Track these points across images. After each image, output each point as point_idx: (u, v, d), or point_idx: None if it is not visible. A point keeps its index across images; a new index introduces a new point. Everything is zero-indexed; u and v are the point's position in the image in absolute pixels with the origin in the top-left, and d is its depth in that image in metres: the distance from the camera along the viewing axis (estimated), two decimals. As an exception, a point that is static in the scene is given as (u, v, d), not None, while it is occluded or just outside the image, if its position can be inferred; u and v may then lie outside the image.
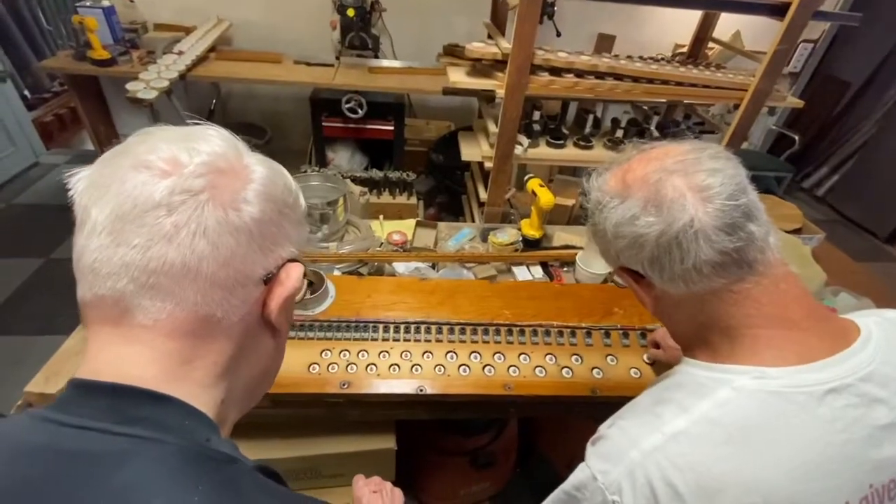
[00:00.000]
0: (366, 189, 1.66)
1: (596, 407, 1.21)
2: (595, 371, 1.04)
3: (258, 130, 2.98)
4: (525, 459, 1.80)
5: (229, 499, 0.35)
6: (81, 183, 0.38)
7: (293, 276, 0.43)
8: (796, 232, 1.91)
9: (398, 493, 0.83)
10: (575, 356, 1.07)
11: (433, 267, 1.38)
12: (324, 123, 2.71)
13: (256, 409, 0.52)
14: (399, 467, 1.74)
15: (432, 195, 2.89)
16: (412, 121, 3.18)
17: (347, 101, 2.52)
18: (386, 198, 1.97)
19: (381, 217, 1.58)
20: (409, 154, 3.00)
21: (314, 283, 1.12)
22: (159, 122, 2.01)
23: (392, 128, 2.75)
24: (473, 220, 1.92)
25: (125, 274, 0.36)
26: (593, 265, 1.39)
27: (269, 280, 0.41)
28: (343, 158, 2.85)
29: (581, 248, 1.50)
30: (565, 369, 1.04)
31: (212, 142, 0.40)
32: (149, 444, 0.34)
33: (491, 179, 1.59)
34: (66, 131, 3.85)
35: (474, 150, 1.60)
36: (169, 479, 0.33)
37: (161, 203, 0.35)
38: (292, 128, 3.27)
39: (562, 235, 1.62)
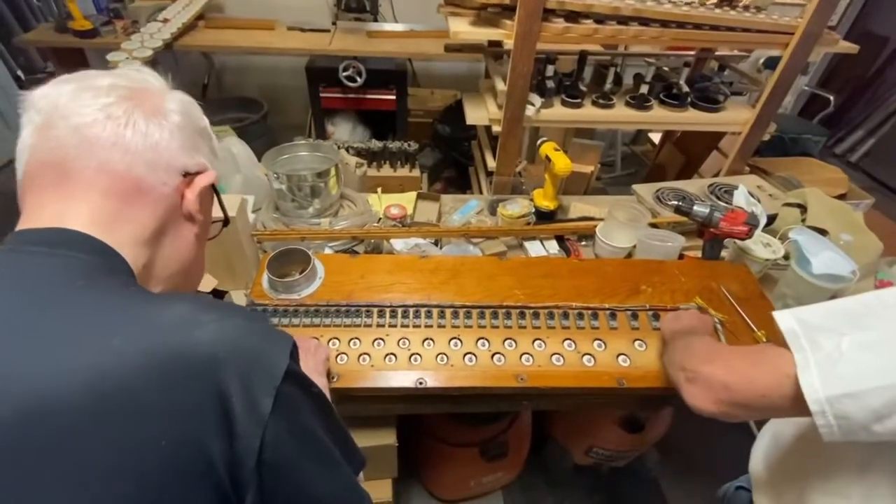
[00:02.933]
0: (362, 161, 1.52)
1: (621, 399, 1.09)
2: (621, 358, 0.91)
3: (254, 105, 2.83)
4: (540, 447, 1.69)
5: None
6: (38, 97, 0.46)
7: (208, 175, 0.54)
8: (841, 197, 1.72)
9: (322, 349, 0.81)
10: (597, 341, 0.93)
11: (436, 244, 1.25)
12: (321, 94, 2.56)
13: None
14: (406, 457, 1.66)
15: (438, 169, 2.73)
16: (416, 90, 3.00)
17: (345, 69, 2.35)
18: (386, 171, 1.83)
19: (380, 190, 1.44)
20: (413, 126, 2.83)
21: (299, 264, 0.99)
22: None
23: (394, 97, 2.58)
24: (481, 193, 1.77)
25: (69, 143, 0.44)
26: (615, 238, 1.24)
27: (189, 176, 0.51)
28: (344, 132, 2.70)
29: (601, 219, 1.35)
30: (586, 356, 0.91)
31: (143, 72, 0.52)
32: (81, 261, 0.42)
33: (500, 145, 1.44)
34: (62, 113, 3.74)
35: (480, 113, 1.44)
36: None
37: (101, 107, 0.45)
38: (291, 101, 3.11)
39: (579, 206, 1.47)
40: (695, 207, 1.11)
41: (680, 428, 1.68)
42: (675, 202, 1.12)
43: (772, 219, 1.37)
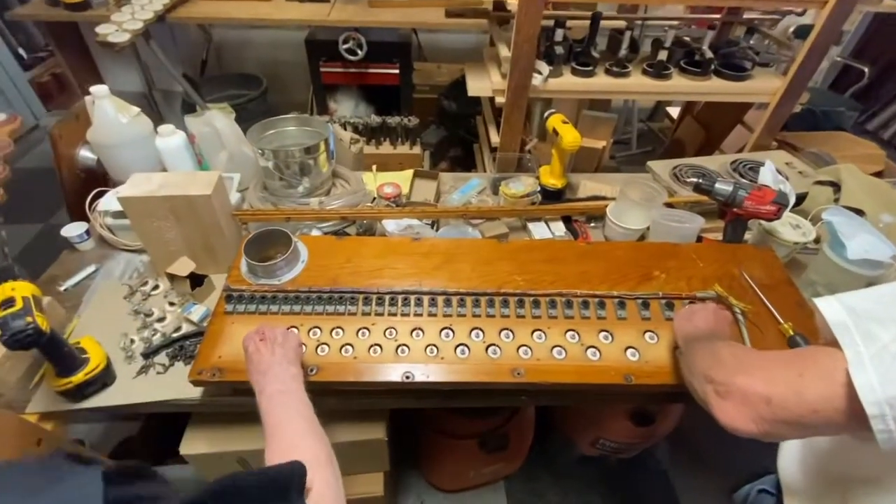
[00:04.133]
0: (357, 137, 1.43)
1: (630, 396, 1.01)
2: (629, 352, 0.82)
3: (254, 81, 2.74)
4: (544, 438, 1.63)
5: None
6: None
7: None
8: (878, 175, 1.58)
9: (292, 337, 0.73)
10: (604, 333, 0.85)
11: (433, 226, 1.16)
12: (322, 69, 2.45)
13: (224, 399, 0.57)
14: (404, 446, 1.61)
15: (443, 148, 2.62)
16: (421, 64, 2.87)
17: (345, 42, 2.23)
18: (386, 148, 1.73)
19: (375, 168, 1.35)
20: (418, 102, 2.71)
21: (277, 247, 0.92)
22: (149, 75, 1.77)
23: (397, 72, 2.45)
24: (485, 172, 1.67)
25: None
26: (627, 219, 1.14)
27: None
28: (346, 109, 2.59)
29: (612, 199, 1.25)
30: (591, 350, 0.82)
31: None
32: None
33: (504, 118, 1.33)
34: (66, 91, 3.69)
35: (483, 84, 1.33)
36: None
37: None
38: (292, 78, 3.01)
39: (589, 185, 1.36)
40: (716, 185, 1.00)
41: (691, 419, 1.60)
42: (695, 179, 1.01)
43: (801, 198, 1.25)
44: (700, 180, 1.02)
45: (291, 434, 0.55)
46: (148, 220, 0.94)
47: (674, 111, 2.47)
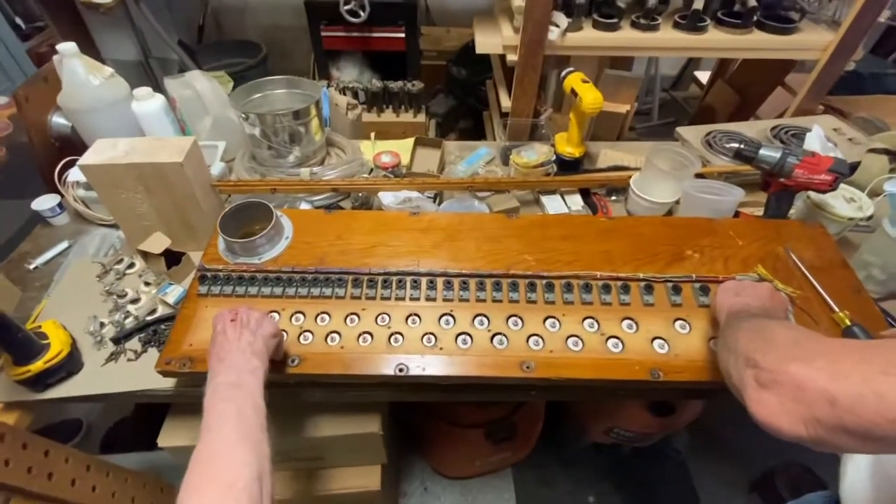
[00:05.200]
0: (355, 102, 1.31)
1: (656, 393, 0.90)
2: (657, 343, 0.71)
3: (253, 48, 2.60)
4: (554, 424, 1.54)
5: None
6: None
7: None
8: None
9: (267, 323, 0.63)
10: (627, 321, 0.74)
11: (434, 199, 1.05)
12: (323, 34, 2.30)
13: (202, 390, 0.52)
14: (407, 432, 1.55)
15: (452, 118, 2.47)
16: (430, 29, 2.69)
17: (346, 2, 2.08)
18: (388, 116, 1.60)
19: (373, 135, 1.23)
20: (425, 69, 2.54)
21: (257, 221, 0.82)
22: (145, 43, 1.63)
23: (403, 35, 2.29)
24: (495, 140, 1.53)
25: None
26: (654, 191, 1.01)
27: None
28: (350, 76, 2.44)
29: (636, 169, 1.11)
30: (612, 340, 0.71)
31: None
32: None
33: (516, 78, 1.19)
34: (65, 63, 3.59)
35: (493, 40, 1.19)
36: None
37: None
38: (293, 44, 2.86)
39: (610, 154, 1.23)
40: (762, 151, 0.87)
41: (713, 407, 1.50)
42: (736, 144, 0.88)
43: (852, 168, 1.10)
44: (741, 145, 0.88)
45: (221, 442, 0.46)
46: (116, 192, 0.85)
47: (703, 75, 2.27)
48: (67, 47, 1.01)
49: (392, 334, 0.71)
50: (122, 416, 1.55)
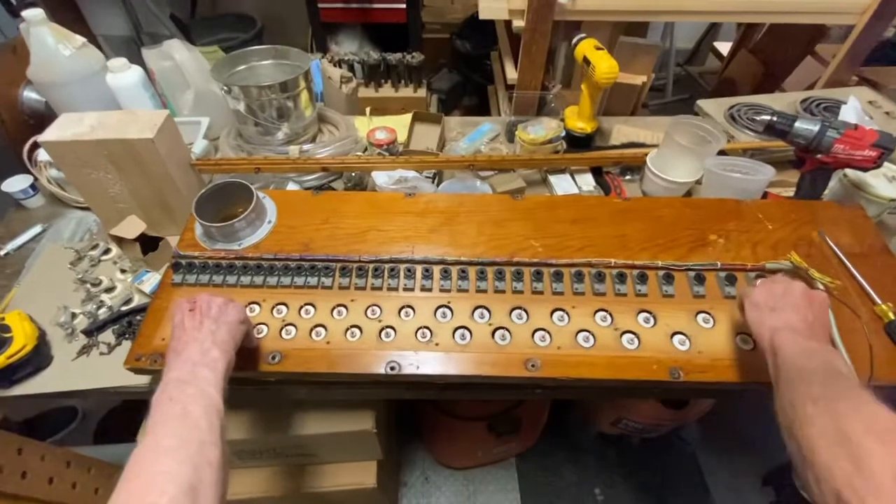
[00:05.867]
0: (349, 74, 1.22)
1: (675, 392, 0.83)
2: (677, 339, 0.64)
3: (248, 22, 2.49)
4: (559, 415, 1.49)
5: None
6: None
7: None
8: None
9: (231, 311, 0.56)
10: (644, 314, 0.66)
11: (433, 179, 0.97)
12: (320, 5, 2.18)
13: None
14: (409, 423, 1.50)
15: (456, 95, 2.36)
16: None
17: (343, -31, 1.96)
18: (386, 91, 1.51)
19: (368, 111, 1.15)
20: (428, 43, 2.42)
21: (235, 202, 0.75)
22: (136, 17, 1.53)
23: (404, 6, 2.17)
24: (500, 116, 1.44)
25: None
26: (672, 170, 0.92)
27: None
28: (348, 50, 2.34)
29: (653, 146, 1.02)
30: (627, 336, 0.64)
31: None
32: None
33: (523, 48, 1.10)
34: (58, 40, 3.49)
35: (498, 3, 1.08)
36: None
37: None
38: (290, 18, 2.73)
39: (624, 130, 1.13)
40: (797, 124, 0.78)
41: (726, 398, 1.44)
42: (767, 117, 0.79)
43: (891, 144, 1.01)
44: (774, 117, 0.79)
45: (151, 451, 0.39)
46: (84, 171, 0.78)
47: (723, 47, 2.14)
48: (33, 13, 0.93)
49: (383, 328, 0.65)
50: (115, 404, 1.52)
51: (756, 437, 1.52)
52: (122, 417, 1.49)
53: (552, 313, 0.66)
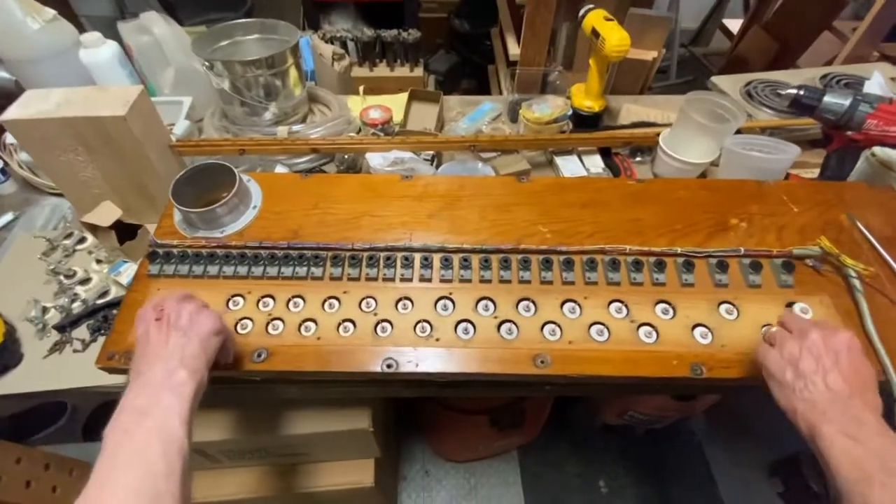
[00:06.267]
0: (341, 51, 1.15)
1: (696, 389, 0.79)
2: (699, 332, 0.59)
3: (237, 1, 2.38)
4: (563, 406, 1.45)
5: None
6: None
7: None
8: None
9: (203, 320, 0.48)
10: (663, 305, 0.61)
11: (432, 161, 0.91)
12: (311, -18, 2.09)
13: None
14: (409, 417, 1.46)
15: (455, 76, 2.28)
16: (429, -23, 2.46)
17: (335, -57, 1.87)
18: (381, 70, 1.44)
19: (362, 89, 1.08)
20: (425, 22, 2.33)
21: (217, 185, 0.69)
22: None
23: (399, -18, 2.08)
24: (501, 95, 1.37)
25: None
26: (686, 150, 0.86)
27: None
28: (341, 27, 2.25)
29: (665, 125, 0.96)
30: (645, 329, 0.59)
31: None
32: None
33: (526, 22, 1.03)
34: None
35: (499, -27, 1.01)
36: None
37: None
38: (282, -3, 2.63)
39: (633, 109, 1.07)
40: (826, 98, 0.72)
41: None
42: (794, 91, 0.73)
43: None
44: (801, 91, 0.73)
45: (95, 501, 0.33)
46: (52, 153, 0.71)
47: (733, 24, 2.06)
48: (-5, -18, 0.85)
49: (379, 322, 0.59)
50: (105, 399, 1.47)
51: (763, 427, 1.49)
52: (111, 413, 1.45)
53: (562, 305, 0.61)
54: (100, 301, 0.72)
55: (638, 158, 0.97)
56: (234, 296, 0.62)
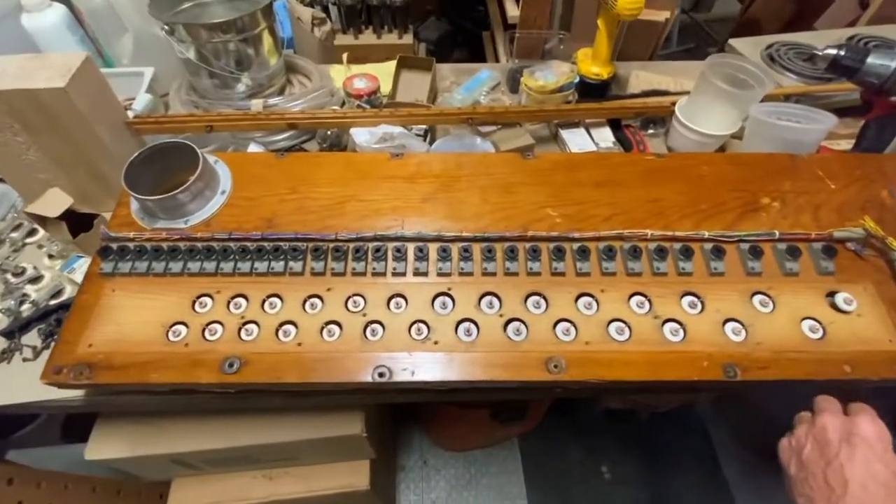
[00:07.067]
0: (322, 15, 1.04)
1: (732, 391, 0.72)
2: (731, 327, 0.52)
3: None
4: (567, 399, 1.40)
5: None
6: None
7: None
8: None
9: None
10: (690, 297, 0.54)
11: (424, 137, 0.82)
12: (290, -57, 1.93)
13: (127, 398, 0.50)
14: (407, 406, 1.41)
15: (446, 46, 2.14)
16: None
17: None
18: (368, 38, 1.33)
19: (346, 57, 0.97)
20: (414, -12, 2.20)
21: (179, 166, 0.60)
22: None
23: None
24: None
25: None
26: (703, 121, 0.78)
27: None
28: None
29: (680, 93, 0.88)
30: (671, 325, 0.52)
31: None
32: None
33: (526, -23, 0.92)
34: None
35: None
36: None
37: None
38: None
39: (644, 76, 0.98)
40: (870, 59, 0.63)
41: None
42: (833, 51, 0.64)
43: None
44: (841, 51, 0.65)
45: None
46: (-15, 133, 0.62)
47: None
48: (-88, -67, 0.73)
49: (368, 324, 0.52)
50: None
51: (769, 410, 1.46)
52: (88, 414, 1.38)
53: (577, 300, 0.54)
54: (52, 302, 0.64)
55: (650, 131, 0.88)
56: (200, 296, 0.54)
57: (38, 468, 0.82)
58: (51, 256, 0.69)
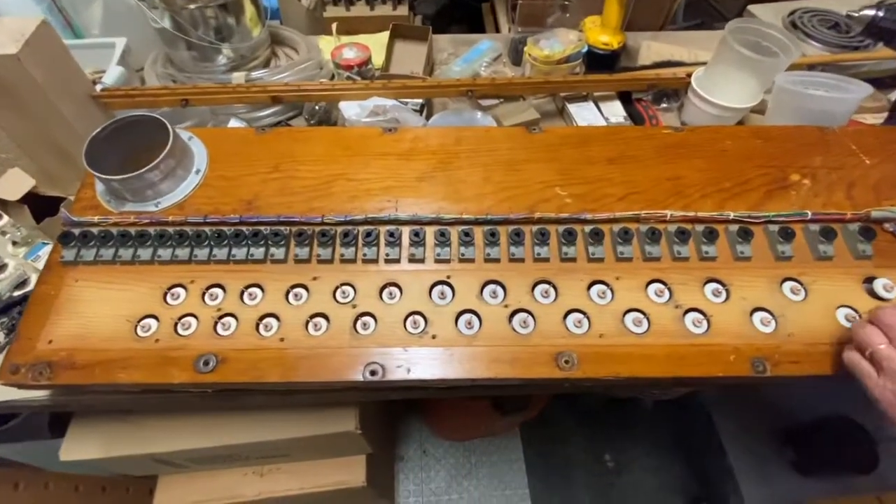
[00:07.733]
0: (310, -20, 0.96)
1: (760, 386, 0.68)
2: (759, 318, 0.47)
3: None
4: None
5: None
6: None
7: None
8: None
9: None
10: (713, 284, 0.49)
11: (420, 111, 0.75)
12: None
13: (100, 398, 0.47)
14: (408, 400, 1.37)
15: (444, 20, 2.06)
16: None
17: None
18: (360, 9, 1.25)
19: (335, 27, 0.91)
20: (409, -41, 2.09)
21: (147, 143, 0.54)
22: None
23: None
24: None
25: None
26: (721, 94, 0.72)
27: None
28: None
29: (699, 63, 0.81)
30: (693, 315, 0.47)
31: None
32: None
33: (529, -64, 0.84)
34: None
35: None
36: None
37: None
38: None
39: (655, 47, 0.92)
40: (914, 18, 0.57)
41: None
42: (872, 12, 0.58)
43: None
44: (880, 12, 0.58)
45: None
46: (-68, 107, 0.56)
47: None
48: None
49: (359, 317, 0.47)
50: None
51: (775, 395, 1.43)
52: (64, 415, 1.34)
53: (590, 288, 0.48)
54: (16, 293, 0.59)
55: (664, 105, 0.82)
56: (172, 286, 0.49)
57: (21, 465, 0.78)
58: (14, 243, 0.63)
